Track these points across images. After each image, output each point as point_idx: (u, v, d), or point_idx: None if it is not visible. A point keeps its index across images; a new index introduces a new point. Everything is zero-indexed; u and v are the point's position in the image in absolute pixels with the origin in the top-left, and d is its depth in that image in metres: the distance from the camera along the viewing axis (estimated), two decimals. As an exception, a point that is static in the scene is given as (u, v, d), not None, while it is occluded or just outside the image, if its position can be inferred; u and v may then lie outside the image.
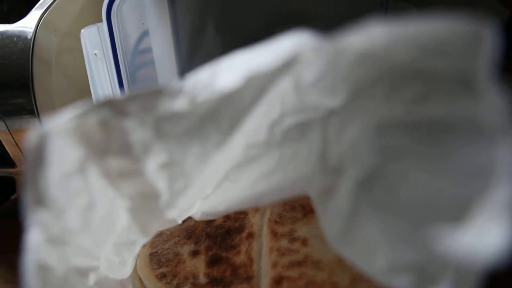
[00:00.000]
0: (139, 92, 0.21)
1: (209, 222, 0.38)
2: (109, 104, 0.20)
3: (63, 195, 0.21)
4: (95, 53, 0.38)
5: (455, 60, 0.16)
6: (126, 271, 0.33)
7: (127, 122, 0.21)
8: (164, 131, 0.21)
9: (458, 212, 0.15)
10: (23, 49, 0.41)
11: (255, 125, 0.24)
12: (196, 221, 0.38)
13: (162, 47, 0.48)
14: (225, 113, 0.21)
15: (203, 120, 0.21)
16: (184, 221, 0.38)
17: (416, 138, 0.18)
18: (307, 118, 0.23)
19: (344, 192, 0.20)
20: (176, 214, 0.25)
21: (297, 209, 0.36)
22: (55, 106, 0.43)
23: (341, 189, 0.21)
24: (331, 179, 0.22)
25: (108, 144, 0.21)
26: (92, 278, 0.29)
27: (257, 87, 0.20)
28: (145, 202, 0.24)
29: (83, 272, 0.27)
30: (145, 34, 0.46)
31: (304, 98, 0.22)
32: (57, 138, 0.19)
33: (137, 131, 0.21)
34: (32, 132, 0.18)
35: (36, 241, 0.19)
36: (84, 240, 0.25)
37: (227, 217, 0.37)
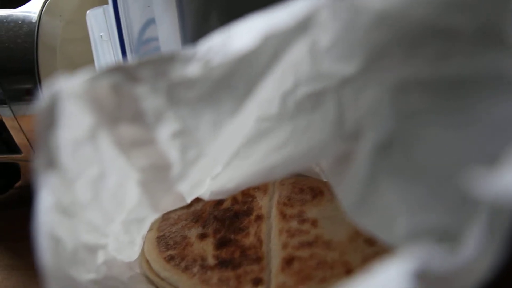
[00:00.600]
0: (150, 58, 0.20)
1: (216, 206, 0.37)
2: (121, 69, 0.20)
3: (73, 163, 0.21)
4: (101, 35, 0.37)
5: (480, 11, 0.15)
6: (134, 252, 0.33)
7: (139, 88, 0.20)
8: (177, 98, 0.21)
9: (486, 165, 0.14)
10: (28, 33, 0.41)
11: (267, 97, 0.23)
12: (203, 205, 0.38)
13: (168, 34, 0.47)
14: (239, 77, 0.20)
15: (217, 85, 0.20)
16: (191, 205, 0.38)
17: (437, 97, 0.17)
18: (321, 87, 0.22)
19: (361, 157, 0.20)
20: (187, 189, 0.25)
21: (306, 192, 0.36)
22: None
23: (359, 154, 0.20)
24: (348, 145, 0.21)
25: (119, 111, 0.21)
26: (100, 257, 0.28)
27: (273, 48, 0.19)
28: (157, 174, 0.23)
29: (92, 249, 0.27)
30: (150, 22, 0.45)
31: (319, 66, 0.21)
32: (69, 101, 0.19)
33: (149, 98, 0.21)
34: (44, 92, 0.18)
35: (47, 204, 0.18)
36: (94, 214, 0.25)
37: (234, 200, 0.37)
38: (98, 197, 0.24)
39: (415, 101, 0.18)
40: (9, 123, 0.42)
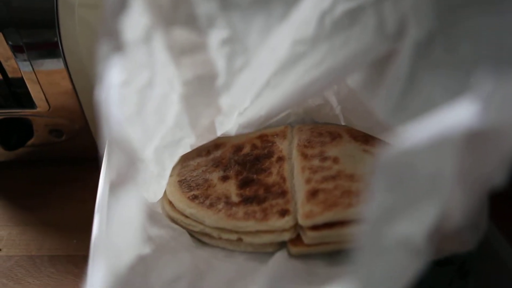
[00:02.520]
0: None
1: (236, 152, 0.38)
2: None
3: (127, 66, 0.22)
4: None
5: None
6: (160, 188, 0.33)
7: (193, -8, 0.22)
8: (230, 3, 0.22)
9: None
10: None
11: (304, 18, 0.25)
12: (222, 152, 0.38)
13: None
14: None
15: (269, -10, 0.22)
16: (209, 153, 0.39)
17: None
18: (360, 2, 0.24)
19: (403, 55, 0.21)
20: (228, 103, 0.26)
21: (325, 135, 0.37)
22: (81, 53, 0.43)
23: (400, 53, 0.21)
24: (389, 46, 0.22)
25: (175, 13, 0.22)
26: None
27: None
28: (201, 85, 0.24)
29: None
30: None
31: (359, -20, 0.23)
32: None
33: (203, 3, 0.22)
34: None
35: (116, 81, 0.19)
36: (135, 130, 0.25)
37: (254, 146, 0.38)
38: (143, 109, 0.24)
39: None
40: (27, 76, 0.42)
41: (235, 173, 0.36)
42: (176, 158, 0.31)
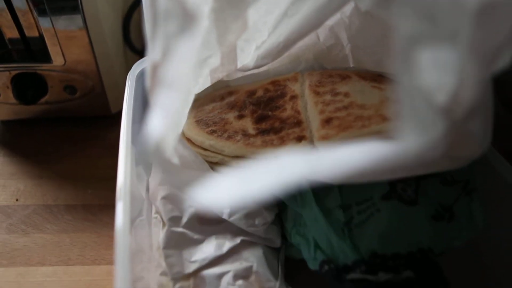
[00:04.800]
0: None
1: (249, 95, 0.40)
2: None
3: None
4: None
5: None
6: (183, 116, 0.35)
7: None
8: None
9: None
10: None
11: None
12: (236, 97, 0.40)
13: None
14: None
15: None
16: (223, 99, 0.41)
17: None
18: None
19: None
20: (254, 19, 0.28)
21: (335, 76, 0.39)
22: (99, 14, 0.44)
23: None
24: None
25: None
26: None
27: None
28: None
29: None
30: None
31: None
32: None
33: None
34: None
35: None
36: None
37: (266, 90, 0.40)
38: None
39: None
40: (45, 29, 0.43)
41: (250, 112, 0.38)
42: (200, 80, 0.33)
